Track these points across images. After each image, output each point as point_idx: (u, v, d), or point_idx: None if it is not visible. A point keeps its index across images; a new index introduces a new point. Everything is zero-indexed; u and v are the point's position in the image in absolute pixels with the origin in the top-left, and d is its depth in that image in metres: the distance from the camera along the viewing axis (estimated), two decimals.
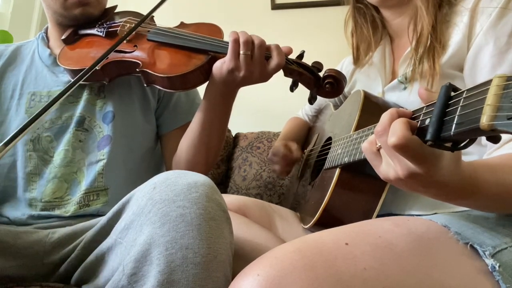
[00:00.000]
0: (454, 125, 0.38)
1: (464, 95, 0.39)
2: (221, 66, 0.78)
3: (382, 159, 0.50)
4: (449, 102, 0.40)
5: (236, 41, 0.76)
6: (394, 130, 0.43)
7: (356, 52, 0.93)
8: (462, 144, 0.41)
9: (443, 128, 0.40)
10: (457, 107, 0.39)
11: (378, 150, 0.50)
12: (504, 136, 0.59)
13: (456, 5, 0.73)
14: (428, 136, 0.41)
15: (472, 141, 0.40)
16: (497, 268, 0.51)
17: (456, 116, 0.38)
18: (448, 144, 0.41)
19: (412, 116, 0.47)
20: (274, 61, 0.77)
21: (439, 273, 0.51)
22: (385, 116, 0.47)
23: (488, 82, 0.36)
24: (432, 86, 0.70)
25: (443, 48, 0.71)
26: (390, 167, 0.48)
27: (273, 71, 0.78)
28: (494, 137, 0.37)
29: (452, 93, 0.41)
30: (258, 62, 0.76)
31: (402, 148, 0.43)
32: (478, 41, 0.67)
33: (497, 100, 0.34)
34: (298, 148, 1.07)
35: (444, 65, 0.71)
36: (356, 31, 0.92)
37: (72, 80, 0.87)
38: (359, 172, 0.72)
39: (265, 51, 0.77)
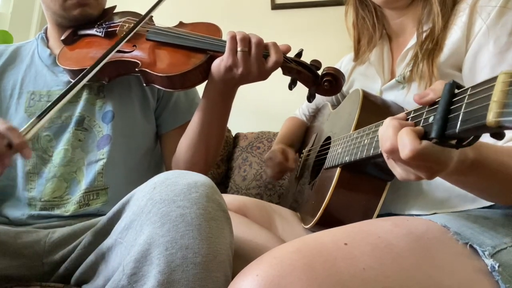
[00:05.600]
0: (459, 122, 0.38)
1: (468, 92, 0.38)
2: (219, 64, 0.79)
3: (397, 166, 0.50)
4: (453, 100, 0.40)
5: (233, 38, 0.76)
6: (404, 144, 0.43)
7: (357, 45, 0.93)
8: (466, 141, 0.41)
9: (448, 126, 0.40)
10: (462, 104, 0.39)
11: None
12: (508, 135, 0.59)
13: (458, 2, 0.73)
14: (433, 134, 0.41)
15: (476, 138, 0.40)
16: (496, 268, 0.51)
17: (461, 113, 0.38)
18: (453, 142, 0.41)
19: (412, 115, 0.47)
20: (272, 58, 0.77)
21: (439, 273, 0.51)
22: (390, 131, 0.46)
23: (494, 79, 0.36)
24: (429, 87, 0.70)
25: (441, 49, 0.71)
26: (409, 172, 0.48)
27: (271, 69, 0.78)
28: (498, 134, 0.37)
29: (456, 91, 0.41)
30: (256, 59, 0.76)
31: (417, 158, 0.43)
32: (478, 41, 0.67)
33: (503, 97, 0.34)
34: (294, 156, 1.07)
35: (442, 65, 0.71)
36: (358, 22, 0.91)
37: (76, 79, 0.88)
38: (360, 172, 0.72)
39: (263, 48, 0.77)
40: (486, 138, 0.59)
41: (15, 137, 0.62)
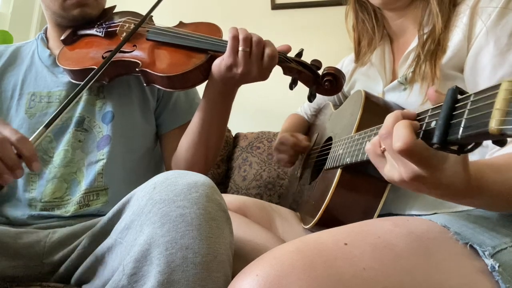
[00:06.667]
0: (461, 129, 0.38)
1: (471, 99, 0.38)
2: (219, 63, 0.79)
3: (387, 161, 0.50)
4: (456, 105, 0.40)
5: (235, 38, 0.76)
6: (399, 135, 0.43)
7: (358, 47, 0.93)
8: (468, 148, 0.41)
9: (450, 132, 0.40)
10: (465, 111, 0.38)
11: (383, 152, 0.50)
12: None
13: (459, 4, 0.73)
14: (435, 139, 0.40)
15: (478, 145, 0.40)
16: (496, 268, 0.51)
17: (464, 120, 0.38)
18: (454, 148, 0.41)
19: (417, 118, 0.47)
20: (266, 53, 0.76)
21: (439, 273, 0.51)
22: (389, 119, 0.47)
23: (497, 86, 0.35)
24: None
25: (443, 50, 0.71)
26: (394, 169, 0.48)
27: (268, 65, 0.77)
28: (500, 141, 0.37)
29: (459, 96, 0.41)
30: (256, 59, 0.76)
31: (407, 153, 0.43)
32: (479, 42, 0.67)
33: (506, 105, 0.34)
34: (305, 138, 1.06)
35: (444, 66, 0.71)
36: (358, 25, 0.92)
37: (77, 80, 0.87)
38: (361, 173, 0.72)
39: (263, 47, 0.77)
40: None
41: (26, 149, 0.62)
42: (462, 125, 0.38)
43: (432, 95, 0.45)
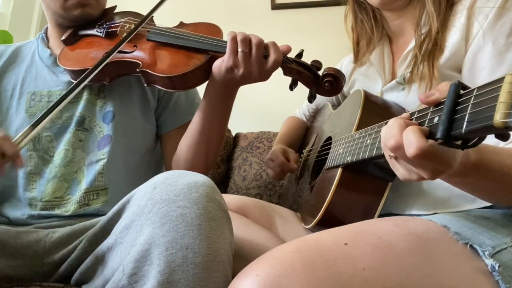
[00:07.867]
0: (465, 123, 0.38)
1: (474, 93, 0.38)
2: (220, 65, 0.79)
3: (399, 166, 0.49)
4: (459, 100, 0.40)
5: (234, 39, 0.76)
6: (410, 141, 0.43)
7: (356, 47, 0.93)
8: (472, 142, 0.41)
9: (454, 126, 0.40)
10: (468, 105, 0.38)
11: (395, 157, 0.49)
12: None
13: (456, 3, 0.73)
14: (439, 134, 0.40)
15: (481, 139, 0.40)
16: (496, 268, 0.51)
17: (467, 114, 0.38)
18: (458, 142, 0.41)
19: (416, 116, 0.47)
20: (272, 58, 0.77)
21: (439, 273, 0.51)
22: (395, 129, 0.46)
23: (501, 80, 0.36)
24: (430, 88, 0.70)
25: (441, 50, 0.71)
26: (412, 172, 0.47)
27: (271, 69, 0.78)
28: (503, 135, 0.37)
29: (462, 91, 0.41)
30: (256, 60, 0.76)
31: (422, 156, 0.42)
32: (476, 43, 0.67)
33: (510, 98, 0.34)
34: (295, 157, 1.07)
35: (442, 67, 0.71)
36: (357, 26, 0.92)
37: (77, 80, 0.87)
38: (361, 172, 0.72)
39: (263, 49, 0.77)
40: (490, 139, 0.59)
41: (8, 146, 0.63)
42: (465, 120, 0.38)
43: (423, 100, 0.45)
